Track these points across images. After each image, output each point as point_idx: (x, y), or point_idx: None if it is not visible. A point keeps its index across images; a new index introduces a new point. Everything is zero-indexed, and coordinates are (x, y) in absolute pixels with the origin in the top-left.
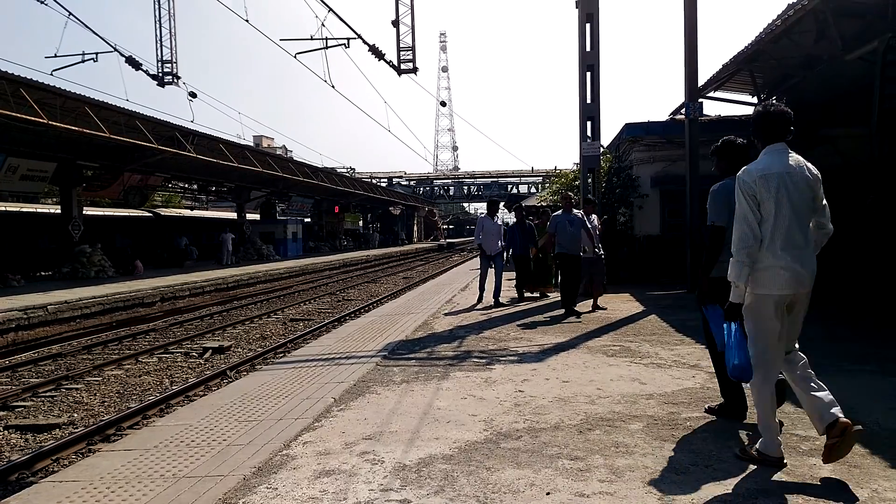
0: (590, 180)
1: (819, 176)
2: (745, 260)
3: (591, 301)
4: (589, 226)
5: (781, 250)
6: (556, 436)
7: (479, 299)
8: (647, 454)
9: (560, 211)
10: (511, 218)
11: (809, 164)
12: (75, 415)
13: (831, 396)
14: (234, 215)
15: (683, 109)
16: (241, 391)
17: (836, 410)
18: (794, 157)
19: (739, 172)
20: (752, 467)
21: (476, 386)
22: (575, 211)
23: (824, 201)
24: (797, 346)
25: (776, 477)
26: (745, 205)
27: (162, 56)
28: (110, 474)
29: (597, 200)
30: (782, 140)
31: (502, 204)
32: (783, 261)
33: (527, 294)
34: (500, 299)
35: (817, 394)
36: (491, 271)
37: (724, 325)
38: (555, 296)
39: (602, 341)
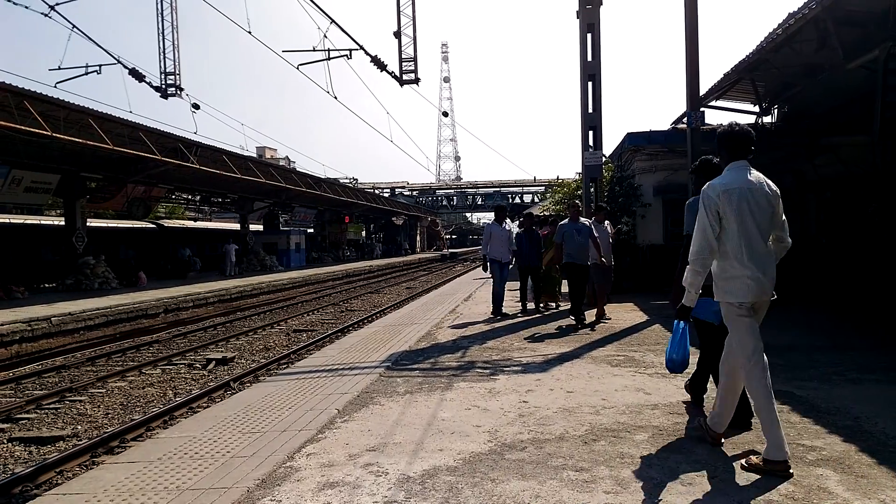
0: (592, 190)
1: (778, 192)
2: (699, 269)
3: (594, 310)
4: (597, 234)
5: (748, 260)
6: (561, 447)
7: (497, 311)
8: (653, 465)
9: (567, 220)
10: (515, 227)
11: (769, 181)
12: (79, 427)
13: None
14: (237, 226)
15: (685, 119)
16: (244, 403)
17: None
18: (755, 174)
19: (704, 187)
20: (758, 478)
21: (480, 397)
22: (582, 219)
23: (783, 216)
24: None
25: (782, 488)
26: (706, 219)
27: (165, 68)
28: (114, 487)
29: (608, 207)
30: (745, 158)
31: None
32: (749, 270)
33: (531, 306)
34: (505, 310)
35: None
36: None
37: (674, 323)
38: (564, 307)
39: (606, 351)
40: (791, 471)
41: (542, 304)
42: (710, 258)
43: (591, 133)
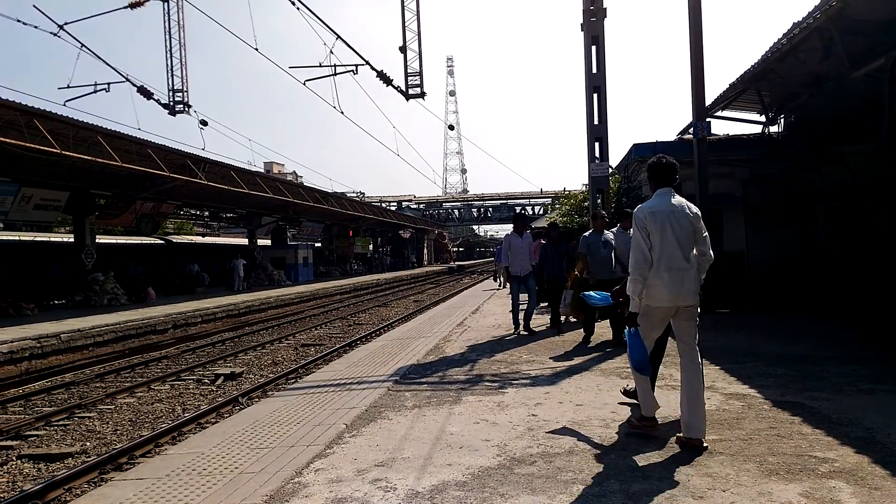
0: (599, 201)
1: (699, 213)
2: (639, 278)
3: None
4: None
5: (665, 271)
6: (571, 461)
7: (518, 327)
8: (664, 478)
9: (590, 231)
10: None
11: (690, 204)
12: (88, 443)
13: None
14: (245, 241)
15: (691, 129)
16: (252, 418)
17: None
18: (678, 199)
19: (635, 210)
20: (771, 490)
21: (489, 410)
22: (605, 232)
23: (705, 233)
24: (697, 347)
25: (795, 502)
26: (639, 236)
27: (173, 85)
28: None
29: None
30: (669, 185)
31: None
32: (665, 280)
33: (565, 320)
34: (532, 327)
35: (693, 398)
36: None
37: (626, 330)
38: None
39: (615, 363)
40: (657, 427)
41: (574, 319)
42: (647, 268)
43: (597, 144)
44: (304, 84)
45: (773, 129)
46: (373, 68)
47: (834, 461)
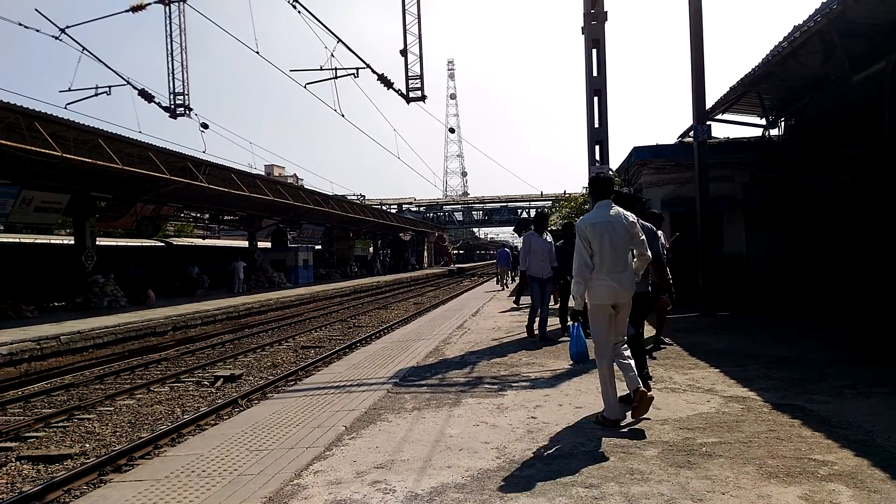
0: None
1: (634, 221)
2: (580, 281)
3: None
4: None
5: (606, 274)
6: (570, 463)
7: (542, 335)
8: (663, 481)
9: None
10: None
11: (627, 213)
12: (87, 445)
13: (635, 372)
14: (245, 244)
15: (692, 132)
16: (252, 420)
17: (639, 382)
18: (615, 209)
19: (577, 221)
20: (770, 493)
21: (488, 413)
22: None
23: (641, 236)
24: (624, 339)
25: None
26: (581, 244)
27: (174, 88)
28: None
29: (662, 214)
30: (608, 198)
31: (512, 229)
32: (606, 281)
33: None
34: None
35: (627, 371)
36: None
37: (569, 324)
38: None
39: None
40: (622, 424)
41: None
42: (588, 272)
43: (597, 147)
44: (305, 87)
45: (774, 132)
46: (374, 71)
47: (833, 464)
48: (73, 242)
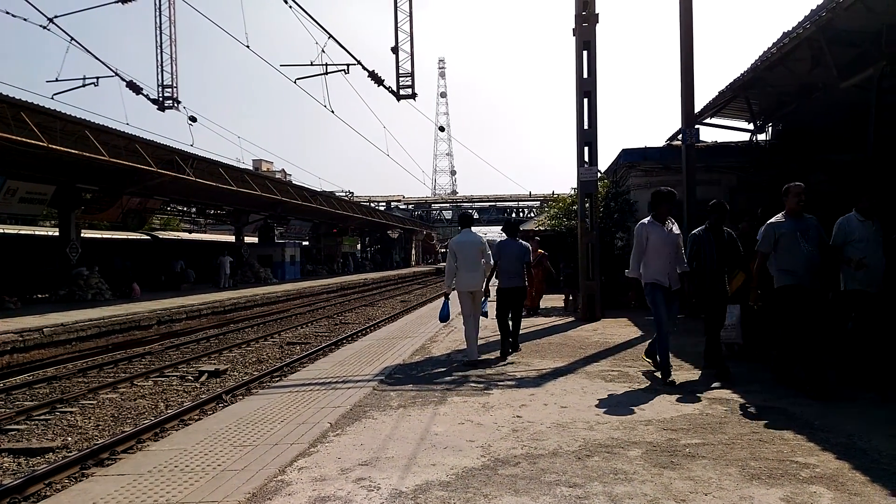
0: (587, 205)
1: (482, 240)
2: (449, 280)
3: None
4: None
5: (465, 273)
6: (555, 462)
7: (666, 373)
8: (647, 481)
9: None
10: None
11: (479, 236)
12: (69, 438)
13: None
14: (232, 238)
15: (680, 135)
16: (236, 415)
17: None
18: (473, 234)
19: (448, 243)
20: (752, 495)
21: (474, 411)
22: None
23: (488, 251)
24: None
25: None
26: (449, 257)
27: (163, 80)
28: (103, 499)
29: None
30: (469, 227)
31: (500, 228)
32: (464, 278)
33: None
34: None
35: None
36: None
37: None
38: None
39: (601, 366)
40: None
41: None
42: (454, 272)
43: (586, 149)
44: (295, 82)
45: (762, 137)
46: (364, 68)
47: (815, 467)
48: (57, 234)
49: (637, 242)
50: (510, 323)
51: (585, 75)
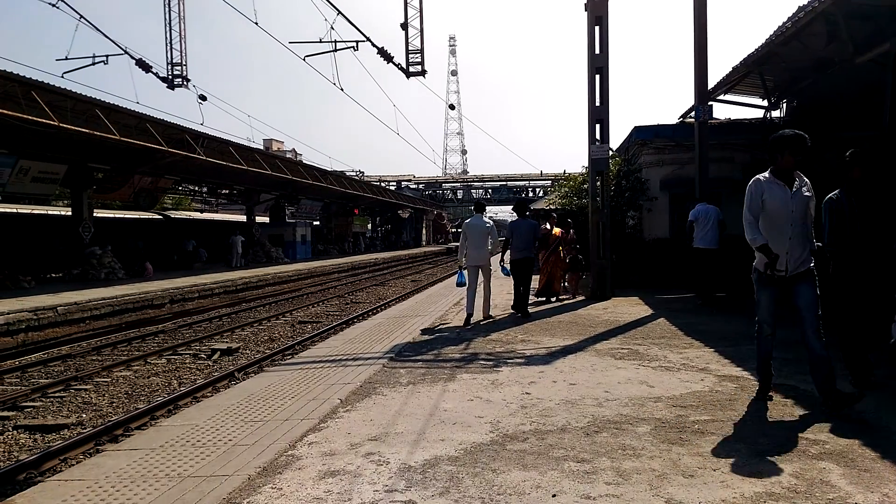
0: (598, 183)
1: (491, 224)
2: (461, 255)
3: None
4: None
5: (472, 250)
6: (563, 438)
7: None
8: (655, 457)
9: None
10: (511, 216)
11: (488, 220)
12: (83, 415)
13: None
14: (243, 218)
15: (693, 112)
16: (247, 392)
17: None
18: (483, 218)
19: (463, 223)
20: (760, 468)
21: (482, 388)
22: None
23: (494, 234)
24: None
25: (785, 480)
26: (462, 235)
27: (172, 59)
28: (115, 473)
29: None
30: (481, 212)
31: (511, 208)
32: (471, 255)
33: None
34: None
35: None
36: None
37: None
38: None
39: (610, 344)
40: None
41: None
42: (465, 249)
43: (598, 126)
44: (305, 60)
45: (776, 113)
46: (374, 45)
47: (825, 443)
48: (70, 214)
49: (749, 205)
50: (521, 288)
51: (597, 51)
